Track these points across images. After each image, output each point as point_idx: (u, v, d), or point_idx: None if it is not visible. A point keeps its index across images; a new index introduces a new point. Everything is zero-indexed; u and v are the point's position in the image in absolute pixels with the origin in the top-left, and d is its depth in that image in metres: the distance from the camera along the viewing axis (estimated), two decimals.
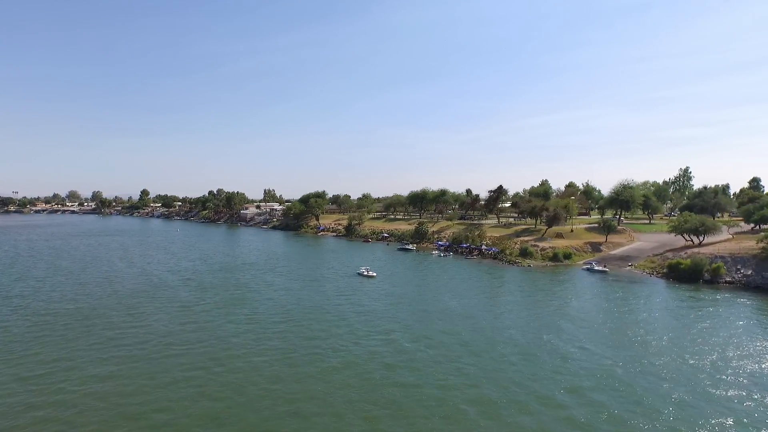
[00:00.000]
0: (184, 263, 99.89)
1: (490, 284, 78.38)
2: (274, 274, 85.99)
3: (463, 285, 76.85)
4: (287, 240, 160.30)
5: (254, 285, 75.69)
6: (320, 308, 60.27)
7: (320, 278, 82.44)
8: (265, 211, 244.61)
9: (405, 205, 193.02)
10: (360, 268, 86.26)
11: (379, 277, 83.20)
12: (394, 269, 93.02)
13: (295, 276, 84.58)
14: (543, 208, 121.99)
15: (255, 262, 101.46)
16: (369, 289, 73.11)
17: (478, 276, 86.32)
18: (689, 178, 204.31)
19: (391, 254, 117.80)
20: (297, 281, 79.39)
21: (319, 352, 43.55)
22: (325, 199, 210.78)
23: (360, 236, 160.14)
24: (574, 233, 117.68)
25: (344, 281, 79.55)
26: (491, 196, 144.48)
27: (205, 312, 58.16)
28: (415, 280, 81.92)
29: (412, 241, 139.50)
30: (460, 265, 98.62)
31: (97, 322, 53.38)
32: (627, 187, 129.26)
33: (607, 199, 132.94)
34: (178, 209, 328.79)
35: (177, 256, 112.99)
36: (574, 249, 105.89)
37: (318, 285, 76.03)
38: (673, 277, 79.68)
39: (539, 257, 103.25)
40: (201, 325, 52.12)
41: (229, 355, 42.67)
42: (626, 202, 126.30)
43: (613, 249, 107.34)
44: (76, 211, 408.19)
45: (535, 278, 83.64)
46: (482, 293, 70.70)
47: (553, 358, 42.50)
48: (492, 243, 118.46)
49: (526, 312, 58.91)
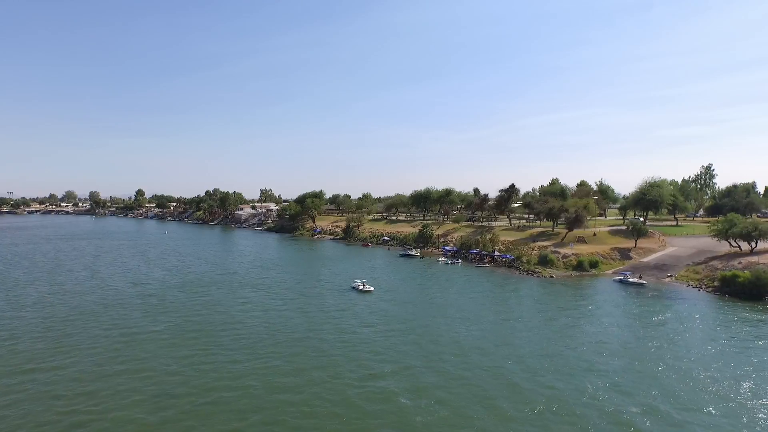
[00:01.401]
0: (156, 273, 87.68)
1: (506, 301, 65.69)
2: (255, 289, 73.64)
3: (474, 303, 64.21)
4: (280, 244, 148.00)
5: (227, 303, 63.33)
6: (299, 339, 47.81)
7: (307, 293, 70.01)
8: (260, 212, 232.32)
9: (407, 205, 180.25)
10: (355, 281, 73.76)
11: (377, 291, 70.75)
12: (395, 280, 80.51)
13: (278, 290, 72.19)
14: (562, 209, 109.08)
15: (237, 272, 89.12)
16: (363, 308, 60.62)
17: (492, 290, 73.66)
18: (712, 176, 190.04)
19: (391, 261, 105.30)
20: (278, 298, 66.98)
21: (286, 420, 31.01)
22: (322, 199, 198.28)
23: (359, 239, 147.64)
24: (597, 237, 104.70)
25: (335, 297, 67.10)
26: (502, 196, 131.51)
27: (148, 350, 45.66)
28: (419, 295, 69.37)
29: (416, 245, 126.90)
30: (471, 276, 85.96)
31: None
32: (654, 185, 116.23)
33: (631, 199, 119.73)
34: (172, 210, 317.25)
35: (152, 263, 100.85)
36: (600, 256, 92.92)
37: (303, 303, 63.59)
38: (728, 293, 66.64)
39: (561, 266, 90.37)
40: (132, 373, 39.44)
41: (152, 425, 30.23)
42: (654, 202, 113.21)
43: (645, 256, 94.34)
44: (70, 212, 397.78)
45: (558, 292, 70.88)
46: (498, 314, 58.02)
47: (608, 423, 29.78)
48: (505, 248, 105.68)
49: (555, 343, 46.23)
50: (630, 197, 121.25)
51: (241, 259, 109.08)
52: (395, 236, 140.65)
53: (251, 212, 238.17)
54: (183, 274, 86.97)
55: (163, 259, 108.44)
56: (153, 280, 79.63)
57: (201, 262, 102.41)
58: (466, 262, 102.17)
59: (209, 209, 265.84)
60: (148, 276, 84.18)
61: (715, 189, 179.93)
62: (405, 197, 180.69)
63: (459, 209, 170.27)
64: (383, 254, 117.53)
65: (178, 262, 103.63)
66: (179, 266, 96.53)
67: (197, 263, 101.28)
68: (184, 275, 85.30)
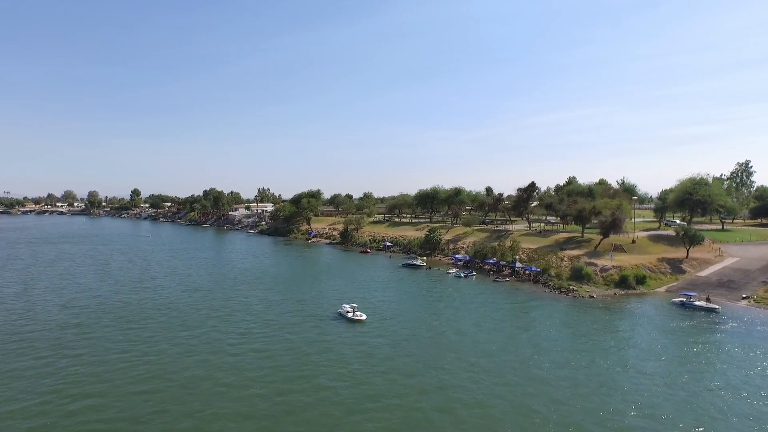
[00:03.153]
0: (104, 289, 71.87)
1: (542, 336, 49.02)
2: (213, 313, 57.54)
3: (501, 338, 47.71)
4: (270, 249, 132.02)
5: (161, 338, 47.24)
6: (247, 414, 31.55)
7: (280, 322, 53.81)
8: (254, 213, 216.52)
9: (412, 206, 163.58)
10: (343, 306, 57.14)
11: (371, 318, 54.47)
12: (394, 302, 64.16)
13: (243, 317, 56.05)
14: (594, 211, 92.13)
15: (201, 288, 73.13)
16: (349, 350, 44.31)
17: (519, 316, 57.09)
18: (750, 173, 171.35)
19: (393, 272, 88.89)
20: (238, 330, 50.79)
21: None
22: (319, 200, 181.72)
23: (357, 245, 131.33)
24: (636, 245, 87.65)
25: (316, 329, 50.87)
26: (520, 196, 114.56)
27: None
28: (424, 326, 52.94)
29: (421, 252, 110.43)
30: (489, 294, 69.44)
31: None
32: (702, 182, 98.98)
33: (674, 199, 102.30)
34: (166, 210, 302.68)
35: (108, 275, 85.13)
36: (647, 269, 76.03)
37: (269, 340, 47.38)
38: None
39: (600, 281, 73.50)
40: None
41: None
42: (702, 203, 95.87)
43: (701, 269, 77.33)
44: (64, 212, 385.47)
45: (605, 321, 54.13)
46: (531, 360, 41.42)
47: None
48: (527, 258, 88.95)
49: (612, 415, 29.65)
50: (672, 197, 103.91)
51: (216, 269, 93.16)
52: (398, 241, 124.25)
53: (245, 213, 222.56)
54: (136, 291, 71.13)
55: (125, 269, 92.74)
56: (92, 301, 63.78)
57: (166, 275, 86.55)
58: (480, 275, 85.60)
59: (202, 210, 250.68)
60: (90, 294, 68.38)
61: (753, 188, 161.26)
62: (409, 197, 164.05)
63: (469, 211, 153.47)
64: (384, 263, 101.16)
65: (140, 273, 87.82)
66: (138, 280, 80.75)
67: (162, 275, 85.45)
68: (136, 293, 69.44)
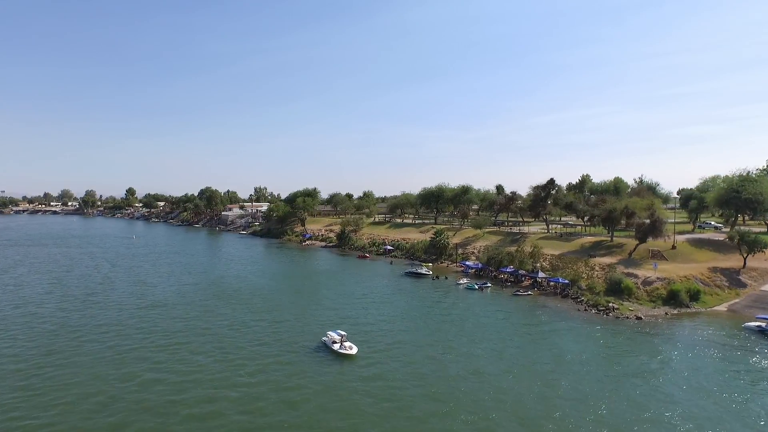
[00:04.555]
0: (46, 304, 59.79)
1: (582, 381, 36.42)
2: (163, 341, 45.35)
3: (530, 382, 35.19)
4: (260, 253, 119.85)
5: (80, 378, 35.10)
6: None
7: (241, 360, 41.46)
8: (248, 213, 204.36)
9: (415, 206, 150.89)
10: (329, 335, 44.29)
11: (363, 351, 42.15)
12: (395, 323, 51.76)
13: (197, 349, 43.76)
14: (627, 211, 79.46)
15: (162, 303, 60.90)
16: (330, 402, 31.92)
17: (550, 346, 44.49)
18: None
19: (394, 282, 76.48)
20: (180, 374, 38.50)
21: None
22: (315, 199, 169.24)
23: (355, 248, 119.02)
24: (677, 252, 74.87)
25: (286, 371, 38.54)
26: (538, 195, 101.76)
27: None
28: (431, 362, 40.49)
29: (426, 257, 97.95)
30: (508, 311, 56.92)
31: None
32: (750, 179, 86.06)
33: (716, 198, 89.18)
34: (159, 210, 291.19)
35: (61, 286, 73.08)
36: (699, 281, 63.28)
37: (217, 390, 35.09)
38: None
39: (644, 297, 60.78)
40: None
41: None
42: (751, 203, 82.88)
43: (763, 281, 64.60)
44: (58, 212, 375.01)
45: (661, 354, 41.50)
46: (584, 422, 28.91)
47: None
48: (550, 266, 76.42)
49: None
50: (714, 196, 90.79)
51: (190, 278, 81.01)
52: (400, 245, 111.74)
53: (239, 213, 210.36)
54: (83, 306, 59.05)
55: (85, 277, 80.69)
56: (19, 320, 51.68)
57: (130, 284, 74.45)
58: (495, 286, 73.13)
59: (195, 209, 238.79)
60: (25, 310, 56.30)
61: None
62: (412, 196, 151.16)
63: (477, 211, 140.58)
64: (384, 271, 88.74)
65: (100, 282, 75.72)
66: (92, 292, 68.69)
67: (124, 285, 73.35)
68: (81, 309, 57.36)
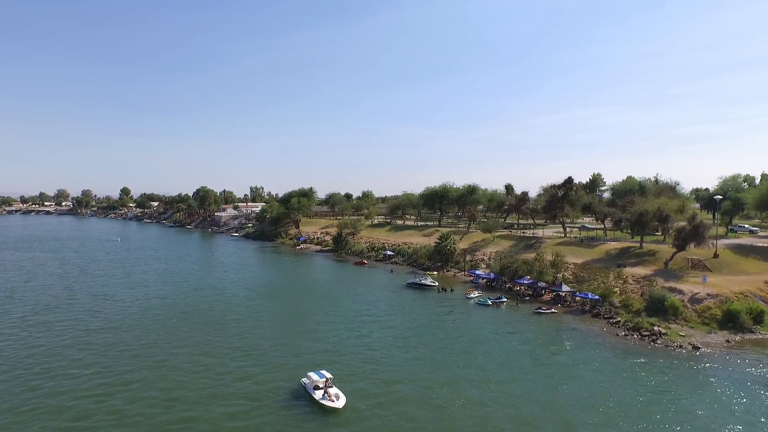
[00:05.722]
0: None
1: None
2: (98, 380, 35.58)
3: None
4: (250, 258, 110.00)
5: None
6: None
7: (188, 418, 31.69)
8: (242, 214, 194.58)
9: (418, 206, 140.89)
10: (309, 377, 33.93)
11: (352, 400, 32.24)
12: (394, 355, 41.85)
13: (136, 395, 33.97)
14: (661, 214, 69.49)
15: (116, 326, 51.03)
16: None
17: (587, 395, 34.51)
18: None
19: (394, 296, 66.58)
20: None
21: None
22: (311, 199, 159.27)
23: (353, 253, 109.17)
24: (721, 261, 64.70)
25: (248, 431, 28.69)
26: (554, 195, 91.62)
27: None
28: (436, 409, 30.55)
29: (431, 265, 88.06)
30: (530, 333, 46.95)
31: None
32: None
33: (758, 198, 78.91)
34: (152, 210, 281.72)
35: (10, 299, 63.43)
36: (759, 298, 53.19)
37: None
38: None
39: (693, 317, 50.69)
40: None
41: None
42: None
43: None
44: (51, 212, 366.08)
45: (730, 400, 31.47)
46: None
47: None
48: (573, 277, 66.47)
49: None
50: (750, 196, 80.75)
51: (161, 290, 71.23)
52: (401, 250, 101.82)
53: (233, 214, 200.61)
54: (25, 326, 49.35)
55: (45, 287, 70.94)
56: None
57: (91, 298, 64.69)
58: (511, 299, 63.13)
59: (188, 210, 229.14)
60: None
61: None
62: (414, 196, 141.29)
63: (484, 212, 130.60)
64: (383, 281, 78.82)
65: (58, 294, 65.94)
66: (45, 306, 58.94)
67: (84, 299, 63.61)
68: (22, 329, 47.68)
